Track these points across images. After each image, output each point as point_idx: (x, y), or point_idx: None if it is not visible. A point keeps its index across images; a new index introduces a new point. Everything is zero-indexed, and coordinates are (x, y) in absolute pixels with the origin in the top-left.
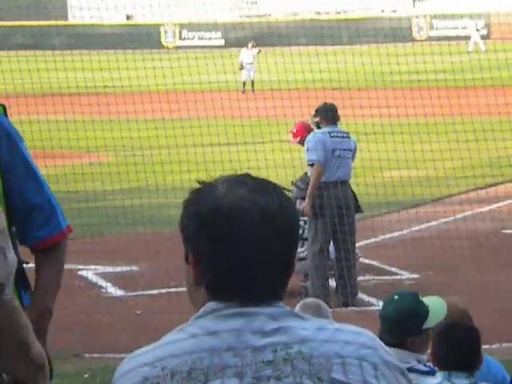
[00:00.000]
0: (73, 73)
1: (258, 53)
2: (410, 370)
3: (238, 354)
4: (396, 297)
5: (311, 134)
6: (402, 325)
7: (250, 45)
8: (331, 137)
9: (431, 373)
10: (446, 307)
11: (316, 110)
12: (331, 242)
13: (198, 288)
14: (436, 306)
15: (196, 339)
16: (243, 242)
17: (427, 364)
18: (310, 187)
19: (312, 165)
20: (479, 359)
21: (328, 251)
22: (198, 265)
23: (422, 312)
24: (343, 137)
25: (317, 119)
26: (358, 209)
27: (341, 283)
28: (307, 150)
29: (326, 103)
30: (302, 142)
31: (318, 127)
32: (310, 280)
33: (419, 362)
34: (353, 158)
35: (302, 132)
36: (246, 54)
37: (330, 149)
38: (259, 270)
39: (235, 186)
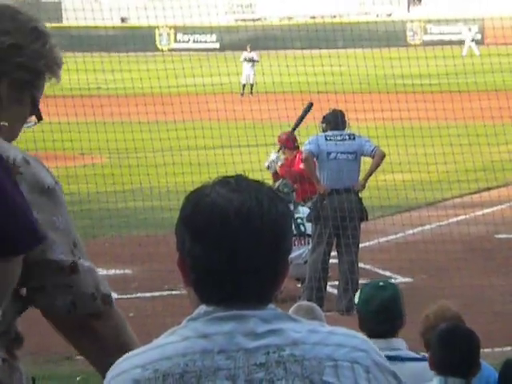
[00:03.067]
0: (67, 74)
1: (255, 62)
2: (404, 359)
3: (230, 357)
4: (381, 283)
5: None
6: (391, 311)
7: (248, 48)
8: (327, 140)
9: (424, 360)
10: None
11: (323, 117)
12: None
13: (190, 289)
14: None
15: (188, 341)
16: (220, 243)
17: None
18: (312, 177)
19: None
20: (477, 366)
21: (328, 256)
22: (183, 266)
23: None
24: (343, 139)
25: (323, 125)
26: (363, 217)
27: (339, 288)
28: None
29: (333, 110)
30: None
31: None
32: (306, 283)
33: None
34: (358, 159)
35: (284, 142)
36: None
37: (324, 151)
38: (241, 272)
39: (218, 186)
